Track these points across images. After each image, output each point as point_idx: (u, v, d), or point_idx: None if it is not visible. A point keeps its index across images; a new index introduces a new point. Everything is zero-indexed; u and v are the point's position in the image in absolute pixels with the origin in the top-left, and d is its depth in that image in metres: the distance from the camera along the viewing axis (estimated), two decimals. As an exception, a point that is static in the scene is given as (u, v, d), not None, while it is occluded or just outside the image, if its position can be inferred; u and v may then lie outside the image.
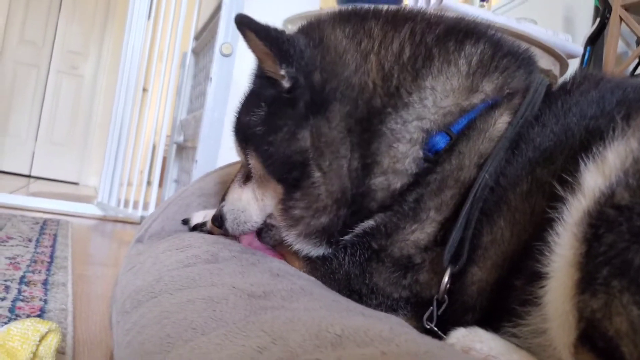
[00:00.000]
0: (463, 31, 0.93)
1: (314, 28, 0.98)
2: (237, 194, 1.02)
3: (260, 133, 0.94)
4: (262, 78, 0.96)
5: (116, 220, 3.70)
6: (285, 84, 0.91)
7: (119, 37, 6.44)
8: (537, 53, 2.30)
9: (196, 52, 3.28)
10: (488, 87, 0.89)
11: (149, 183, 3.62)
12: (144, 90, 3.83)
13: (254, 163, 0.96)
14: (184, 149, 3.16)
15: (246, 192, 1.01)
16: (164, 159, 3.54)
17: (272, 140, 0.92)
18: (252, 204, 1.00)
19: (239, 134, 1.00)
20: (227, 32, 2.36)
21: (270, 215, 0.99)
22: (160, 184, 3.42)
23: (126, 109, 3.81)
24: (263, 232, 1.02)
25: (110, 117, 4.05)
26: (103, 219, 3.71)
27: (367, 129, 0.89)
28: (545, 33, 2.34)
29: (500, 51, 0.92)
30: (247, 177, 1.02)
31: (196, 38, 3.24)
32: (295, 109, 0.91)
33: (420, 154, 0.87)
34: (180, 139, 3.11)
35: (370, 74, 0.90)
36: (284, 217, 0.94)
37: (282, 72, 0.90)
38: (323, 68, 0.91)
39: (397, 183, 0.87)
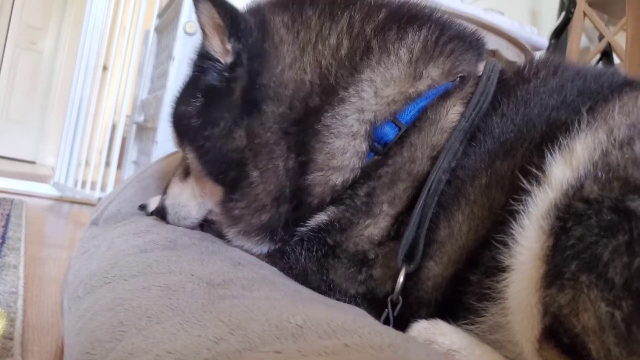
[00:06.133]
0: (405, 16, 0.89)
1: (255, 12, 0.94)
2: (178, 188, 1.00)
3: (196, 126, 0.90)
4: (203, 59, 0.92)
5: (73, 201, 3.60)
6: (228, 59, 0.88)
7: (80, 12, 6.25)
8: (503, 44, 2.33)
9: (159, 30, 3.19)
10: (434, 72, 0.86)
11: (107, 164, 3.53)
12: (105, 68, 3.72)
13: (191, 158, 0.93)
14: (144, 130, 3.08)
15: (186, 188, 0.98)
16: (124, 140, 3.46)
17: (208, 135, 0.88)
18: (191, 201, 0.98)
19: (175, 125, 0.97)
20: (191, 10, 2.30)
21: (210, 212, 0.97)
22: (119, 165, 3.34)
23: (85, 87, 3.71)
24: (205, 227, 1.00)
25: (69, 95, 3.94)
26: (59, 200, 3.60)
27: (303, 129, 0.86)
28: (512, 25, 2.37)
29: (446, 35, 0.89)
30: (187, 172, 0.99)
31: (159, 16, 3.16)
32: (232, 98, 0.88)
33: (364, 147, 0.84)
34: (141, 119, 3.03)
35: (308, 71, 0.87)
36: (224, 216, 0.92)
37: (229, 46, 0.87)
38: (259, 56, 0.88)
39: (337, 178, 0.84)
